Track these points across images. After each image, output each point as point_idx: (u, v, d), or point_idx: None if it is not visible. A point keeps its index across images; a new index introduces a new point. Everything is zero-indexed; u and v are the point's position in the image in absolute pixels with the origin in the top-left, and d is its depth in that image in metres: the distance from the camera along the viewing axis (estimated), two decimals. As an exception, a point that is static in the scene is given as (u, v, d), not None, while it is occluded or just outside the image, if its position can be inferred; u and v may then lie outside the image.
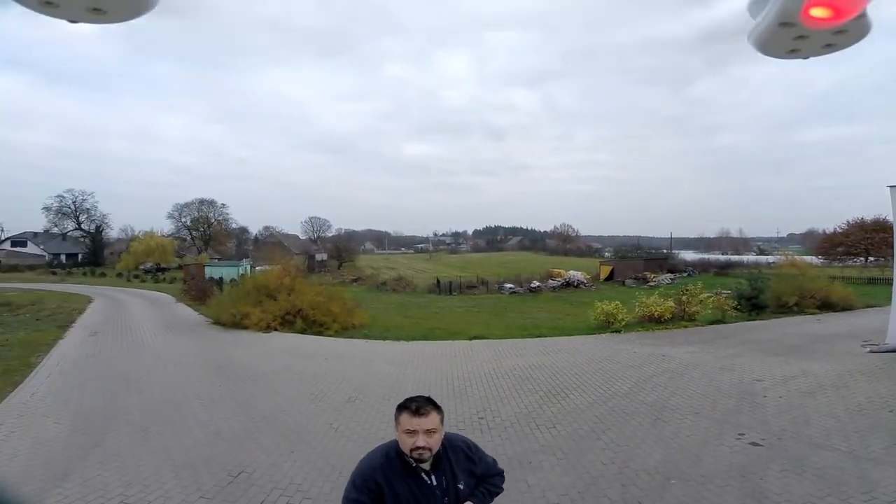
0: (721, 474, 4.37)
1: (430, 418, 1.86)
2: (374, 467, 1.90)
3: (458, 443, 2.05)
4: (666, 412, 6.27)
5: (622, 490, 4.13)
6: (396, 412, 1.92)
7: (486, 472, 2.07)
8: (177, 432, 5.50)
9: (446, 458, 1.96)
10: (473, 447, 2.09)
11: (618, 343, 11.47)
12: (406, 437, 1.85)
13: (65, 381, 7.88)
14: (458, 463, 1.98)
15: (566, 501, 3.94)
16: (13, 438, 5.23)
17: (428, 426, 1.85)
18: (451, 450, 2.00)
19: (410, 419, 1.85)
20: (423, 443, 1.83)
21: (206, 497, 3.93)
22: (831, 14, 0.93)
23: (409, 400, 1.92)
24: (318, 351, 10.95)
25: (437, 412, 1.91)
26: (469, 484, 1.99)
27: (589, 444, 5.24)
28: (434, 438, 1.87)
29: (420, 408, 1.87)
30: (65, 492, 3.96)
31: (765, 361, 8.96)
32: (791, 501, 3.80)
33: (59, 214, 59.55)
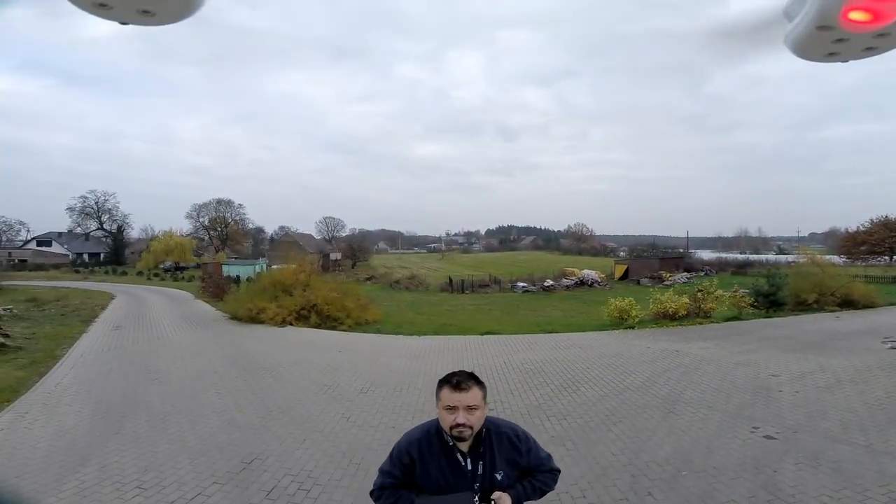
0: (734, 466, 4.31)
1: (472, 394, 1.76)
2: (412, 441, 1.85)
3: (505, 429, 1.91)
4: (679, 405, 6.21)
5: (632, 480, 4.10)
6: (437, 387, 1.83)
7: (535, 467, 1.91)
8: (193, 420, 5.64)
9: (488, 442, 1.83)
10: (523, 436, 1.92)
11: (631, 339, 11.37)
12: (446, 414, 1.77)
13: (87, 371, 8.12)
14: (500, 450, 1.84)
15: (575, 491, 3.93)
16: (37, 426, 5.41)
17: (468, 402, 1.75)
18: (495, 435, 1.86)
19: (451, 394, 1.76)
20: (462, 419, 1.73)
21: (220, 482, 4.03)
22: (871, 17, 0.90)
23: (450, 374, 1.82)
24: (331, 344, 11.10)
25: (480, 388, 1.80)
26: (509, 475, 1.84)
27: (599, 435, 5.23)
28: (475, 416, 1.76)
29: (461, 382, 1.77)
30: (82, 477, 4.09)
31: (781, 357, 8.81)
32: (806, 494, 3.74)
33: (83, 215, 61.18)
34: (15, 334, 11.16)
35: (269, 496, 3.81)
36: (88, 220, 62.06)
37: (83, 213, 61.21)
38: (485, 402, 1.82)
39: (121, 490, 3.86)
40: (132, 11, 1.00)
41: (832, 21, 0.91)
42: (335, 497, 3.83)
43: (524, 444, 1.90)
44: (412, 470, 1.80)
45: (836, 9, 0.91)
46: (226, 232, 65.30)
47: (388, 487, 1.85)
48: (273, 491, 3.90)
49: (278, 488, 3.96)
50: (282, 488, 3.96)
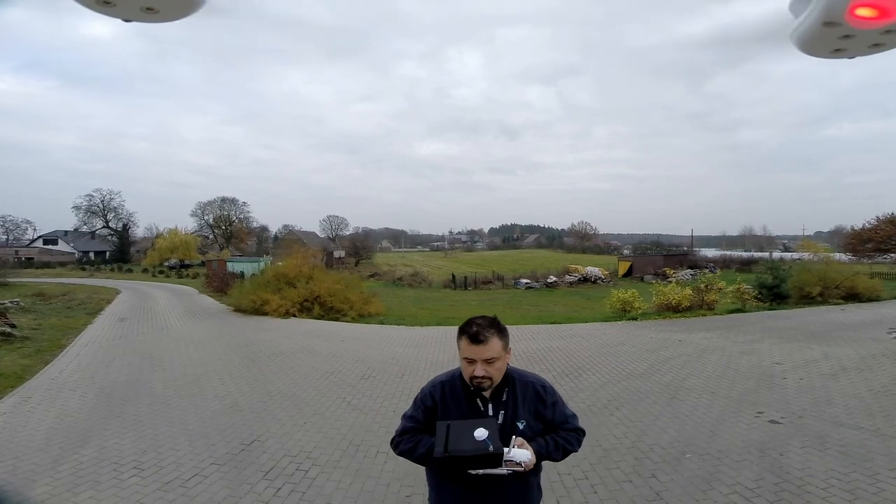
0: (738, 450, 4.27)
1: (491, 346, 1.68)
2: (435, 385, 1.83)
3: (530, 379, 1.84)
4: (682, 392, 6.16)
5: (635, 463, 4.07)
6: (458, 335, 1.75)
7: (560, 423, 1.83)
8: (195, 404, 5.64)
9: (511, 392, 1.77)
10: (550, 390, 1.85)
11: (634, 329, 11.32)
12: (465, 365, 1.72)
13: (92, 359, 8.15)
14: (524, 400, 1.78)
15: (577, 473, 3.89)
16: (39, 410, 5.43)
17: (487, 355, 1.68)
18: (520, 385, 1.80)
19: (468, 346, 1.70)
20: (481, 372, 1.68)
21: (218, 463, 4.01)
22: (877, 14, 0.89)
23: (469, 323, 1.74)
24: (334, 334, 11.13)
25: (500, 338, 1.72)
26: (534, 427, 1.77)
27: (602, 419, 5.19)
28: (494, 367, 1.70)
29: (479, 333, 1.69)
30: (80, 458, 4.09)
31: (785, 346, 8.74)
32: (814, 477, 3.68)
33: (88, 213, 61.68)
34: (21, 325, 11.21)
35: (266, 476, 3.80)
36: (94, 218, 62.62)
37: (89, 212, 61.77)
38: (507, 352, 1.76)
39: (118, 470, 3.85)
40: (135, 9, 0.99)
41: (838, 17, 0.91)
42: (333, 477, 3.81)
43: (550, 397, 1.84)
44: (434, 414, 1.77)
45: (843, 5, 0.90)
46: (230, 230, 65.56)
47: (409, 431, 1.81)
48: (271, 471, 3.88)
49: (276, 468, 3.94)
50: (280, 468, 3.95)
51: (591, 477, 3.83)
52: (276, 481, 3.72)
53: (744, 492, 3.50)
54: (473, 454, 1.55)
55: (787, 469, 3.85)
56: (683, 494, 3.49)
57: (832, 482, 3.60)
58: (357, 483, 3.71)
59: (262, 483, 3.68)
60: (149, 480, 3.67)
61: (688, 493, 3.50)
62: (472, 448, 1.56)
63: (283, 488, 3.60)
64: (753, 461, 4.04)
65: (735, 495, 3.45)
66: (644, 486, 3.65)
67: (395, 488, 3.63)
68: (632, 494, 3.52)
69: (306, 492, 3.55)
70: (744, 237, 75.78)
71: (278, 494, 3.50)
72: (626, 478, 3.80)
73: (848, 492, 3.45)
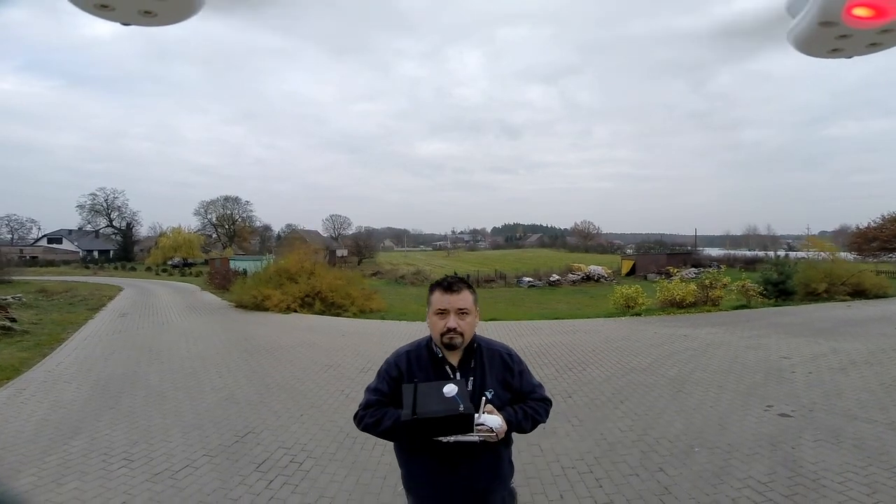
0: (749, 443, 4.14)
1: (463, 296, 1.70)
2: (400, 354, 1.78)
3: (497, 347, 1.82)
4: (688, 385, 6.02)
5: (642, 456, 3.93)
6: (429, 292, 1.77)
7: (527, 392, 1.81)
8: (191, 396, 5.54)
9: (479, 358, 1.75)
10: (516, 358, 1.83)
11: (637, 325, 11.17)
12: (437, 320, 1.69)
13: (90, 353, 8.07)
14: (491, 368, 1.75)
15: (581, 466, 3.77)
16: (33, 401, 5.34)
17: (459, 305, 1.68)
18: (486, 352, 1.78)
19: (441, 296, 1.70)
20: (454, 324, 1.65)
21: (210, 455, 3.90)
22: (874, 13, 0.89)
23: (442, 279, 1.78)
24: (335, 329, 11.03)
25: (471, 292, 1.74)
26: (501, 396, 1.73)
27: (606, 412, 5.06)
28: (466, 321, 1.69)
29: (452, 285, 1.71)
30: (70, 448, 3.99)
31: (792, 341, 8.58)
32: (829, 471, 3.54)
33: (92, 212, 61.76)
34: (22, 320, 11.17)
35: (259, 468, 3.68)
36: (98, 217, 62.70)
37: (93, 211, 61.84)
38: (476, 309, 1.75)
39: (106, 461, 3.74)
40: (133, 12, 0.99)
41: (835, 17, 0.90)
42: (328, 470, 3.69)
43: (517, 365, 1.81)
44: (400, 385, 1.69)
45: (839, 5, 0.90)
46: (233, 229, 65.62)
47: (373, 405, 1.72)
48: (264, 464, 3.76)
49: (270, 461, 3.83)
50: (273, 461, 3.83)
51: (596, 470, 3.69)
52: (269, 473, 3.60)
53: (756, 486, 3.35)
54: (444, 415, 1.47)
55: (800, 463, 3.71)
56: (693, 489, 3.35)
57: (848, 476, 3.46)
58: (352, 475, 3.59)
59: (254, 475, 3.56)
60: (138, 472, 3.56)
61: (697, 488, 3.36)
62: (443, 409, 1.48)
63: (275, 480, 3.48)
64: (765, 455, 3.90)
65: (747, 489, 3.31)
66: (651, 480, 3.51)
67: (392, 480, 3.50)
68: (639, 489, 3.38)
69: (299, 484, 3.43)
70: (748, 237, 74.97)
71: (270, 487, 3.39)
72: (633, 471, 3.66)
73: (866, 486, 3.30)
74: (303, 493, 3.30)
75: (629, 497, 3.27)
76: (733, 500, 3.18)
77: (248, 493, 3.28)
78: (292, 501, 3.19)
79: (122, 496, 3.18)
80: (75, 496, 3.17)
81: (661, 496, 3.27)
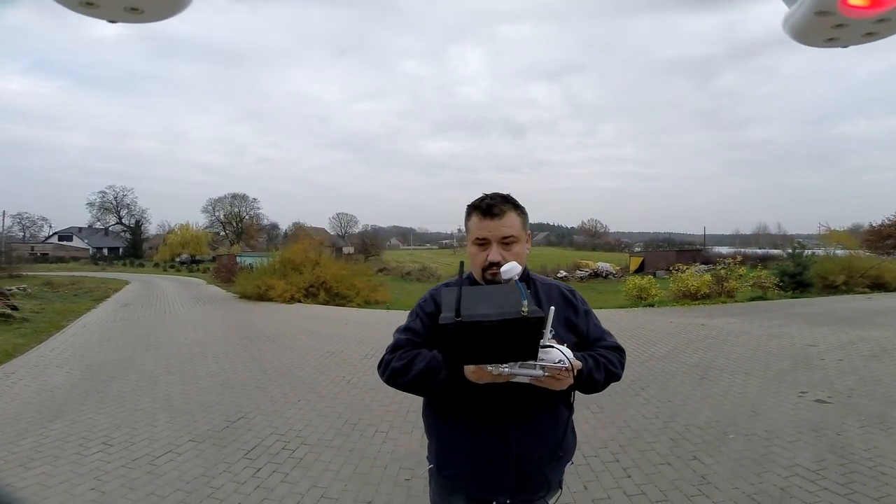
0: (788, 429, 3.79)
1: (508, 220, 1.30)
2: (438, 287, 1.42)
3: (554, 283, 1.45)
4: (711, 372, 5.64)
5: (672, 444, 3.59)
6: (465, 217, 1.37)
7: (595, 337, 1.39)
8: (184, 381, 5.24)
9: (533, 294, 1.31)
10: (579, 295, 1.44)
11: (652, 315, 10.74)
12: (477, 251, 1.32)
13: (87, 339, 7.83)
14: (549, 303, 1.30)
15: (605, 455, 3.43)
16: (19, 385, 5.08)
17: (503, 232, 1.29)
18: (542, 287, 1.39)
19: (480, 222, 1.31)
20: (497, 256, 1.27)
21: (196, 440, 3.59)
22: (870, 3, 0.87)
23: (481, 197, 1.35)
24: (339, 318, 10.75)
25: (518, 214, 1.34)
26: (564, 337, 1.28)
27: (627, 399, 4.69)
28: (513, 251, 1.30)
29: (493, 206, 1.30)
30: (47, 432, 3.70)
31: (815, 330, 8.10)
32: (885, 458, 3.18)
33: (102, 210, 62.19)
34: (24, 309, 11.01)
35: (247, 455, 3.34)
36: (108, 214, 63.11)
37: (102, 208, 62.28)
38: (525, 233, 1.36)
39: (83, 446, 3.44)
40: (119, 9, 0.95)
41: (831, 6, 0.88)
42: (323, 457, 3.35)
43: (581, 303, 1.40)
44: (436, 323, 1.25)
45: None
46: (241, 226, 65.69)
47: (402, 346, 1.34)
48: (253, 450, 3.43)
49: (260, 447, 3.49)
50: (264, 447, 3.49)
51: (623, 459, 3.33)
52: (258, 461, 3.26)
53: (805, 473, 2.98)
54: (501, 318, 0.97)
55: (850, 449, 3.32)
56: (734, 477, 2.99)
57: (907, 462, 3.07)
58: (349, 464, 3.25)
59: (241, 462, 3.23)
60: (115, 457, 3.25)
61: (739, 476, 3.00)
62: (497, 310, 0.99)
63: (263, 468, 3.15)
64: (809, 441, 3.54)
65: (796, 477, 2.94)
66: (686, 468, 3.15)
67: (393, 470, 3.17)
68: (672, 478, 3.02)
69: (290, 473, 3.09)
70: (758, 235, 73.35)
71: (258, 475, 3.05)
72: (664, 460, 3.30)
73: (930, 472, 2.91)
74: (292, 483, 2.96)
75: (663, 487, 2.91)
76: (782, 488, 2.82)
77: (232, 481, 2.95)
78: (280, 491, 2.85)
79: (91, 482, 2.87)
80: (40, 481, 2.86)
81: (699, 486, 2.91)
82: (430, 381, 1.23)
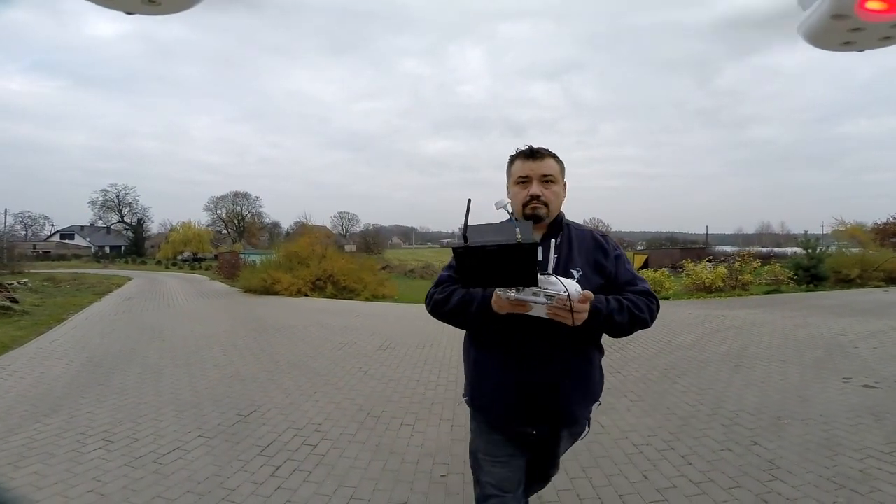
0: (844, 414, 3.57)
1: (547, 163, 1.48)
2: None
3: (588, 228, 1.57)
4: (745, 360, 5.37)
5: (725, 430, 3.35)
6: (508, 165, 1.55)
7: (625, 282, 1.47)
8: (191, 374, 4.95)
9: (566, 235, 1.50)
10: (611, 241, 1.54)
11: (669, 307, 10.43)
12: (518, 190, 1.48)
13: (88, 331, 7.54)
14: (581, 247, 1.49)
15: (658, 443, 3.18)
16: (14, 377, 4.78)
17: (544, 171, 1.47)
18: (575, 231, 1.53)
19: (524, 163, 1.49)
20: (537, 191, 1.45)
21: (206, 436, 3.28)
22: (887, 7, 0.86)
23: (524, 147, 1.53)
24: (348, 311, 10.47)
25: (556, 161, 1.51)
26: (592, 280, 1.41)
27: (665, 387, 4.41)
28: (552, 190, 1.47)
29: (536, 151, 1.49)
30: (41, 427, 3.40)
31: (840, 321, 7.77)
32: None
33: (104, 208, 61.92)
34: (25, 302, 10.75)
35: (263, 452, 3.04)
36: (110, 213, 62.82)
37: (104, 207, 61.96)
38: (563, 179, 1.54)
39: (81, 442, 3.14)
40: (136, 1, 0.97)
41: (847, 10, 0.87)
42: (348, 453, 3.05)
43: (613, 248, 1.52)
44: None
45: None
46: (243, 225, 65.39)
47: (445, 282, 1.54)
48: (270, 446, 3.13)
49: (277, 443, 3.19)
50: (281, 443, 3.19)
51: (678, 447, 3.08)
52: (276, 458, 2.96)
53: (881, 456, 2.82)
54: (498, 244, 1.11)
55: (920, 432, 3.07)
56: (804, 461, 2.80)
57: None
58: (378, 460, 2.95)
59: (257, 460, 2.92)
60: (116, 455, 2.94)
61: (809, 460, 2.81)
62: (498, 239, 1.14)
63: (283, 466, 2.84)
64: (870, 425, 3.33)
65: (871, 459, 2.78)
66: (748, 454, 2.94)
67: (426, 466, 2.87)
68: (738, 464, 2.80)
69: (313, 471, 2.79)
70: (761, 234, 72.81)
71: (277, 474, 2.75)
72: (722, 446, 3.07)
73: None
74: (317, 483, 2.65)
75: (731, 474, 2.68)
76: (861, 471, 2.65)
77: (249, 481, 2.65)
78: (304, 493, 2.54)
79: (89, 482, 2.56)
80: (32, 481, 2.56)
81: (769, 471, 2.71)
82: (465, 311, 1.41)
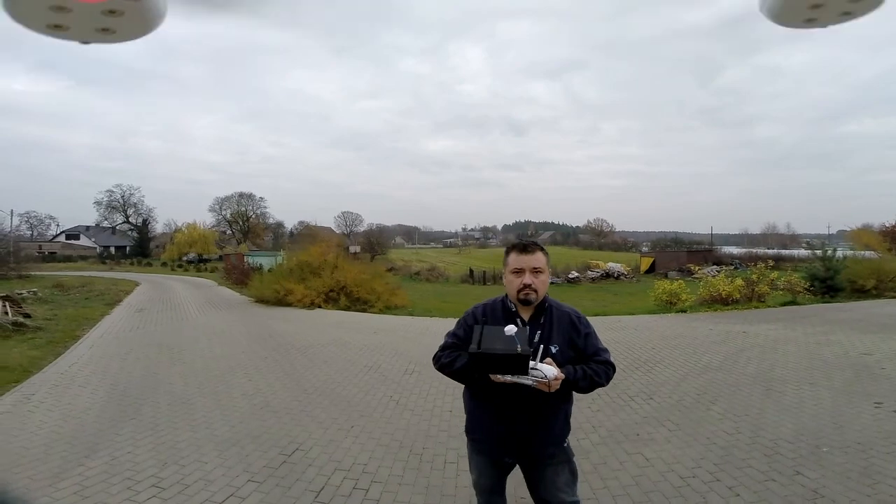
0: (881, 442, 3.60)
1: (537, 256, 1.87)
2: (478, 306, 1.98)
3: (567, 309, 1.94)
4: (775, 383, 5.34)
5: (767, 460, 3.36)
6: (505, 255, 1.94)
7: (591, 354, 1.88)
8: (221, 405, 4.89)
9: (549, 315, 1.89)
10: (584, 321, 1.93)
11: (687, 322, 10.37)
12: (513, 278, 1.87)
13: (106, 352, 7.49)
14: (559, 326, 1.87)
15: (703, 475, 3.18)
16: (42, 409, 4.72)
17: (534, 264, 1.85)
18: (556, 312, 1.90)
19: (518, 257, 1.87)
20: (529, 280, 1.83)
21: (256, 480, 3.22)
22: None
23: (516, 241, 1.97)
24: (365, 325, 10.41)
25: (543, 253, 1.90)
26: (565, 354, 1.83)
27: (700, 414, 4.39)
28: (540, 279, 1.85)
29: (527, 246, 1.89)
30: (86, 471, 3.33)
31: (864, 338, 7.71)
32: None
33: (109, 208, 62.08)
34: (36, 315, 10.71)
35: (318, 498, 2.99)
36: (115, 213, 62.99)
37: (110, 207, 62.14)
38: (548, 268, 1.91)
39: (133, 489, 3.08)
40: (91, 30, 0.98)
41: None
42: (400, 497, 3.01)
43: (584, 327, 1.90)
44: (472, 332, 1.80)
45: None
46: (247, 225, 65.40)
47: (450, 347, 1.93)
48: (323, 491, 3.07)
49: (329, 487, 3.13)
50: (333, 487, 3.14)
51: (724, 478, 3.12)
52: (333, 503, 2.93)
53: None
54: (503, 353, 1.61)
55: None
56: (847, 490, 2.87)
57: None
58: (431, 504, 2.91)
59: (314, 507, 2.88)
60: (172, 503, 2.92)
61: (852, 490, 2.88)
62: (502, 347, 1.62)
63: (341, 514, 2.81)
64: None
65: None
66: (793, 484, 3.01)
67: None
68: (784, 494, 2.88)
69: (372, 518, 2.75)
70: (766, 235, 72.49)
71: (336, 522, 2.71)
72: (766, 476, 3.12)
73: None
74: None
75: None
76: None
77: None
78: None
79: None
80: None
81: (813, 500, 2.80)
82: (466, 376, 1.86)
